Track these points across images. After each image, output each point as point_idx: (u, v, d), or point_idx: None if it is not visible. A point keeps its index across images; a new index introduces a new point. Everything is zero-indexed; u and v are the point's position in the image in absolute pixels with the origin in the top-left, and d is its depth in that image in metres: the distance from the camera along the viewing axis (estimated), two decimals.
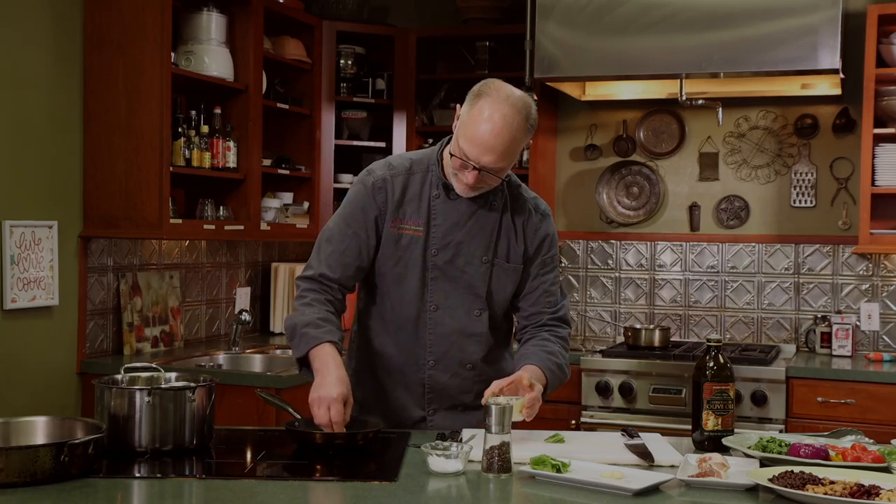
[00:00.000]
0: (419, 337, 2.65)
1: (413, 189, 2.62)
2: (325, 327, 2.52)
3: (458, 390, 2.67)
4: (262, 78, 4.36)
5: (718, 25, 4.13)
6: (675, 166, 4.96)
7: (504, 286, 2.66)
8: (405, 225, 2.61)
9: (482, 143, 2.44)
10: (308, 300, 2.60)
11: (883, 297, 4.61)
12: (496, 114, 2.43)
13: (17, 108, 3.59)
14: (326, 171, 4.94)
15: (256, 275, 4.98)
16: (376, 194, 2.61)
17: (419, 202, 2.61)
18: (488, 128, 2.43)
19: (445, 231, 2.61)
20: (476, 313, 2.65)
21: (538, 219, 2.69)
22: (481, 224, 2.62)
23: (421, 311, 2.63)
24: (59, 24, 3.75)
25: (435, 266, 2.61)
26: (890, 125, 4.37)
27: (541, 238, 2.68)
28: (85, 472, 2.11)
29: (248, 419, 3.58)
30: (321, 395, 2.42)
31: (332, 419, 2.39)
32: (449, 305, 2.63)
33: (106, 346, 4.00)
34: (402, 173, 2.63)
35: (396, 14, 5.42)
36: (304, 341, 2.52)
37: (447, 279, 2.62)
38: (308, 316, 2.55)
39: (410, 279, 2.62)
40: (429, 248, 2.61)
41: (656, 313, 4.96)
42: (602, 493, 2.06)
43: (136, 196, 3.81)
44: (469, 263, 2.62)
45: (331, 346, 2.50)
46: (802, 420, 4.10)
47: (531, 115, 2.50)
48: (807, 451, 2.22)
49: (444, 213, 2.61)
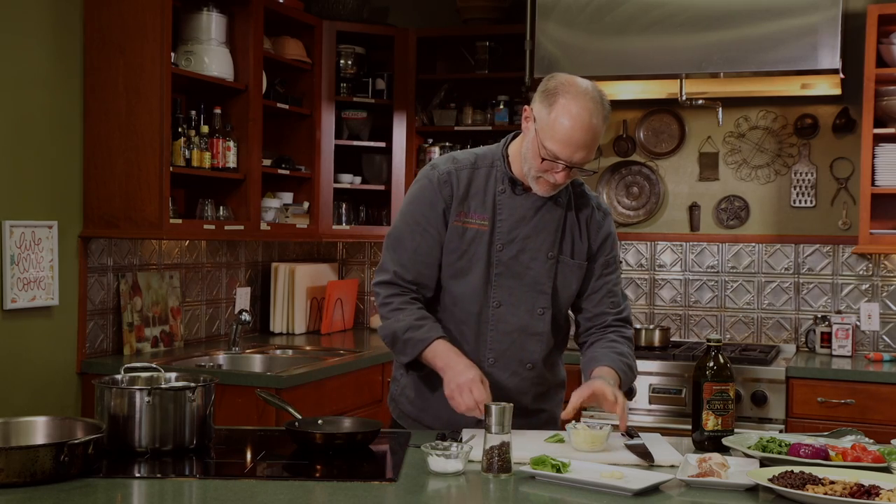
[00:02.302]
0: (480, 333, 2.62)
1: (478, 183, 2.60)
2: (425, 326, 2.55)
3: (516, 391, 2.63)
4: (262, 78, 4.36)
5: (718, 25, 4.13)
6: (675, 166, 4.96)
7: (569, 283, 2.65)
8: (470, 219, 2.59)
9: (574, 143, 2.43)
10: (395, 305, 2.60)
11: (883, 297, 4.61)
12: (582, 111, 2.43)
13: (17, 108, 3.59)
14: (326, 171, 4.94)
15: (256, 275, 4.98)
16: (442, 188, 2.59)
17: (484, 196, 2.59)
18: (577, 126, 2.42)
19: (511, 226, 2.59)
20: (539, 311, 2.62)
21: (601, 216, 2.69)
22: (547, 220, 2.60)
23: (483, 307, 2.61)
24: (59, 24, 3.75)
25: (500, 262, 2.59)
26: (890, 125, 4.37)
27: (604, 236, 2.68)
28: (85, 472, 2.11)
29: (248, 419, 3.58)
30: (459, 382, 2.44)
31: (477, 399, 2.41)
32: (512, 303, 2.61)
33: (106, 346, 4.00)
34: (466, 167, 2.62)
35: (396, 14, 5.43)
36: (410, 346, 2.55)
37: (511, 275, 2.60)
38: (404, 321, 2.56)
39: (474, 274, 2.59)
40: (494, 242, 2.59)
41: (656, 313, 4.96)
42: (602, 493, 2.06)
43: (136, 196, 3.81)
44: (534, 259, 2.60)
45: (441, 341, 2.53)
46: (802, 420, 4.10)
47: (607, 104, 2.50)
48: (807, 451, 2.22)
49: (510, 208, 2.59)
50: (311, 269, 5.09)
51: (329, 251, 5.51)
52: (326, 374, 3.94)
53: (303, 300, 4.96)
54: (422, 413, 2.71)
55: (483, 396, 2.42)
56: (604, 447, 2.39)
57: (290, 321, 4.93)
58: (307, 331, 5.00)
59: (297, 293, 4.93)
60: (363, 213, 5.31)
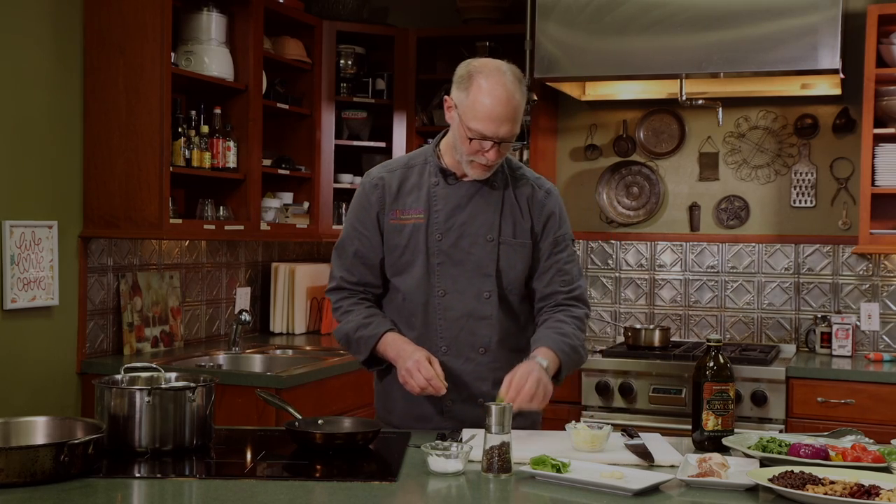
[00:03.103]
0: (429, 323, 2.67)
1: (412, 181, 2.69)
2: (373, 322, 2.65)
3: (473, 377, 2.66)
4: (262, 78, 4.36)
5: (718, 25, 4.13)
6: (675, 166, 4.96)
7: (514, 264, 2.67)
8: (406, 215, 2.67)
9: (497, 117, 2.50)
10: (344, 309, 2.72)
11: (883, 297, 4.61)
12: (497, 86, 2.51)
13: (17, 108, 3.59)
14: (326, 171, 4.94)
15: (256, 275, 4.98)
16: (372, 193, 2.70)
17: (419, 192, 2.67)
18: (496, 101, 2.50)
19: (447, 215, 2.65)
20: (486, 295, 2.65)
21: (543, 195, 2.71)
22: (482, 205, 2.65)
23: (430, 296, 2.66)
24: (59, 24, 3.75)
25: (440, 251, 2.64)
26: (890, 125, 4.37)
27: (548, 214, 2.70)
28: (85, 472, 2.11)
29: (248, 419, 3.58)
30: (407, 366, 2.54)
31: (426, 376, 2.50)
32: (457, 289, 2.65)
33: (106, 346, 4.00)
34: (398, 169, 2.72)
35: (396, 14, 5.42)
36: (362, 344, 2.66)
37: (453, 263, 2.65)
38: (353, 322, 2.67)
39: (417, 267, 2.66)
40: (431, 233, 2.65)
41: (656, 313, 4.96)
42: (602, 493, 2.06)
43: (136, 196, 3.81)
44: (474, 244, 2.64)
45: (389, 333, 2.63)
46: (802, 420, 4.10)
47: (522, 79, 2.58)
48: (807, 451, 2.22)
49: (445, 197, 2.66)
50: (311, 269, 5.09)
51: (329, 251, 5.51)
52: (326, 374, 3.94)
53: (303, 300, 4.96)
54: (390, 415, 2.76)
55: (431, 373, 2.51)
56: (604, 447, 2.39)
57: (290, 321, 4.93)
58: (307, 331, 5.00)
59: (297, 293, 4.93)
60: None
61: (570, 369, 2.65)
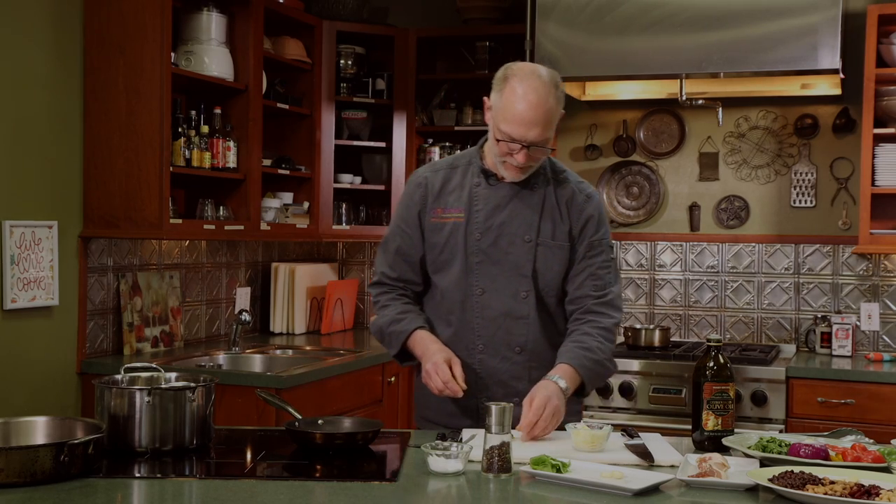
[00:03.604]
0: (467, 321, 2.70)
1: (455, 181, 2.74)
2: (406, 318, 2.71)
3: (509, 375, 2.68)
4: (262, 78, 4.36)
5: (718, 25, 4.13)
6: (675, 166, 4.96)
7: (551, 265, 2.69)
8: (447, 214, 2.72)
9: (524, 121, 2.53)
10: (382, 303, 2.80)
11: (883, 297, 4.61)
12: (529, 89, 2.53)
13: (17, 108, 3.59)
14: (326, 171, 4.94)
15: (256, 275, 4.98)
16: (415, 192, 2.76)
17: (461, 192, 2.72)
18: (526, 105, 2.53)
19: (487, 215, 2.68)
20: (522, 295, 2.68)
21: (583, 199, 2.73)
22: (522, 205, 2.68)
23: (467, 295, 2.70)
24: (59, 24, 3.75)
25: (479, 250, 2.68)
26: (890, 125, 4.37)
27: (586, 218, 2.71)
28: (85, 472, 2.11)
29: (248, 419, 3.58)
30: (426, 367, 2.59)
31: (442, 379, 2.53)
32: (495, 289, 2.68)
33: (106, 346, 4.00)
34: (443, 169, 2.78)
35: (396, 14, 5.42)
36: (394, 339, 2.71)
37: (492, 262, 2.68)
38: (388, 316, 2.73)
39: (455, 265, 2.70)
40: (471, 232, 2.68)
41: (656, 313, 4.96)
42: (602, 493, 2.06)
43: (136, 196, 3.81)
44: (512, 244, 2.67)
45: (419, 330, 2.68)
46: (802, 420, 4.10)
47: (559, 85, 2.60)
48: (807, 451, 2.22)
49: (485, 198, 2.69)
50: (311, 269, 5.09)
51: (329, 251, 5.51)
52: (326, 374, 3.94)
53: (303, 300, 4.96)
54: (427, 410, 2.81)
55: (447, 377, 2.54)
56: (604, 447, 2.39)
57: (290, 321, 4.93)
58: (307, 331, 5.00)
59: (297, 293, 4.93)
60: (363, 213, 5.31)
61: (595, 383, 2.67)
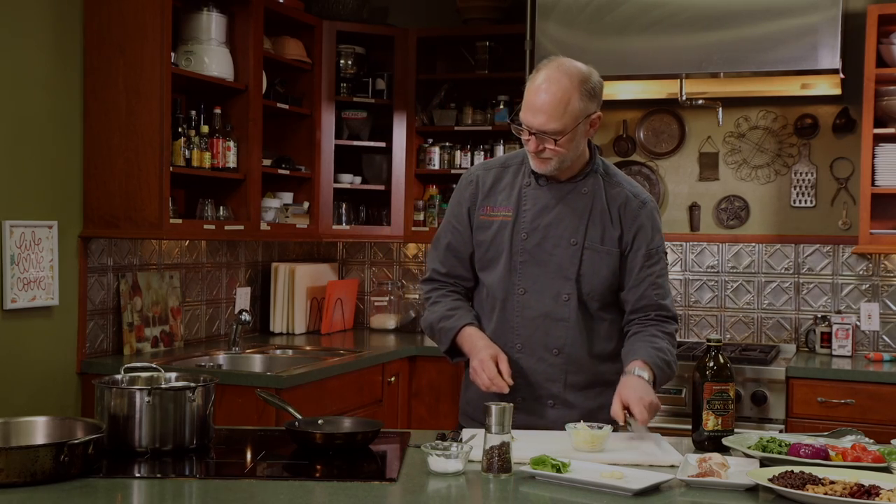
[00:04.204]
0: (507, 320, 2.72)
1: (506, 180, 2.76)
2: (455, 315, 2.73)
3: (545, 377, 2.69)
4: (262, 78, 4.36)
5: (718, 25, 4.13)
6: (675, 166, 4.96)
7: (597, 270, 2.68)
8: (496, 212, 2.74)
9: (532, 106, 2.56)
10: (433, 299, 2.82)
11: (883, 297, 4.61)
12: (542, 78, 2.57)
13: (17, 108, 3.59)
14: (326, 171, 4.94)
15: (256, 275, 4.98)
16: (466, 188, 2.79)
17: (511, 191, 2.73)
18: (536, 91, 2.56)
19: (534, 215, 2.69)
20: (565, 298, 2.67)
21: (637, 205, 2.71)
22: (569, 209, 2.68)
23: (509, 293, 2.71)
24: (59, 24, 3.75)
25: (524, 250, 2.69)
26: (890, 125, 4.37)
27: (639, 225, 2.70)
28: (85, 472, 2.11)
29: (248, 419, 3.58)
30: (473, 364, 2.61)
31: (488, 376, 2.55)
32: (537, 289, 2.69)
33: (106, 346, 4.00)
34: (495, 167, 2.81)
35: (396, 14, 5.42)
36: (443, 335, 2.73)
37: (536, 263, 2.69)
38: (438, 312, 2.76)
39: (500, 263, 2.71)
40: (517, 231, 2.70)
41: None
42: (602, 493, 2.06)
43: (136, 196, 3.81)
44: (557, 246, 2.68)
45: (468, 327, 2.69)
46: (802, 420, 4.09)
47: (587, 80, 2.60)
48: (807, 451, 2.22)
49: (534, 198, 2.71)
50: (311, 269, 5.09)
51: (329, 251, 5.51)
52: (326, 374, 3.94)
53: (303, 300, 4.96)
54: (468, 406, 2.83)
55: (493, 373, 2.56)
56: (604, 447, 2.39)
57: (290, 321, 4.93)
58: (307, 331, 5.00)
59: (297, 293, 4.93)
60: (363, 213, 5.31)
61: (662, 384, 2.66)
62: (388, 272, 5.46)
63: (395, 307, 5.30)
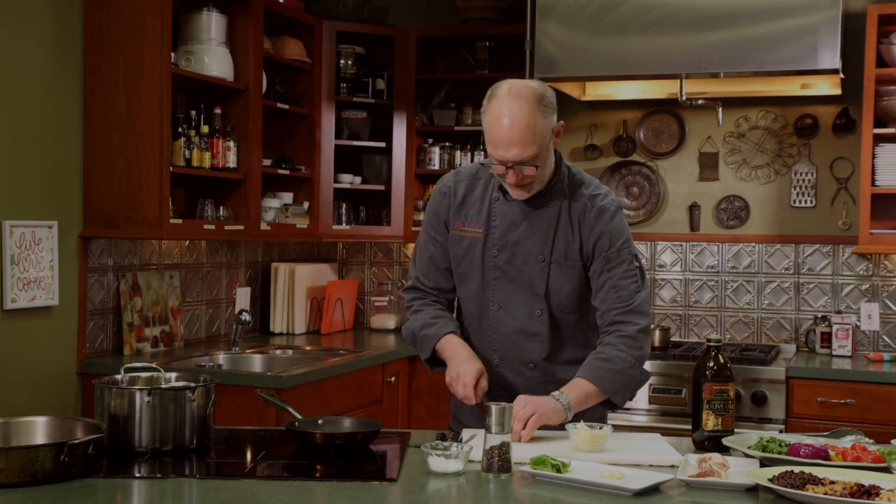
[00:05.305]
0: (483, 336, 2.73)
1: (476, 193, 2.73)
2: (438, 323, 2.71)
3: (524, 389, 2.68)
4: (262, 78, 4.36)
5: (718, 25, 4.13)
6: (675, 166, 4.96)
7: (562, 285, 2.66)
8: (466, 227, 2.72)
9: (502, 141, 2.51)
10: (415, 307, 2.82)
11: (883, 297, 4.61)
12: (503, 110, 2.50)
13: (17, 108, 3.59)
14: (326, 171, 4.94)
15: (256, 275, 4.98)
16: (441, 200, 2.77)
17: (481, 205, 2.71)
18: (500, 125, 2.50)
19: (503, 232, 2.68)
20: (537, 313, 2.68)
21: (594, 215, 2.65)
22: (536, 224, 2.66)
23: (484, 309, 2.72)
24: (59, 24, 3.75)
25: (496, 266, 2.68)
26: (890, 125, 4.37)
27: (597, 235, 2.64)
28: (85, 472, 2.11)
29: (248, 419, 3.58)
30: (451, 374, 2.60)
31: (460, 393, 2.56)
32: (511, 305, 2.69)
33: (106, 346, 4.00)
34: (466, 178, 2.76)
35: (396, 14, 5.42)
36: (425, 343, 2.72)
37: (508, 279, 2.68)
38: (420, 320, 2.75)
39: (473, 279, 2.72)
40: (488, 248, 2.69)
41: (656, 313, 4.95)
42: (602, 493, 2.06)
43: (136, 196, 3.81)
44: (526, 263, 2.67)
45: (451, 335, 2.69)
46: (802, 420, 4.10)
47: (543, 97, 2.53)
48: (807, 451, 2.22)
49: (502, 214, 2.68)
50: (311, 269, 5.09)
51: (329, 251, 5.51)
52: (326, 374, 3.94)
53: (303, 300, 4.96)
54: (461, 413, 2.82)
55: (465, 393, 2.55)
56: (604, 447, 2.39)
57: (290, 321, 4.93)
58: (307, 331, 5.00)
59: (297, 293, 4.93)
60: (363, 213, 5.31)
61: (623, 392, 2.61)
62: (388, 272, 5.46)
63: (395, 307, 5.30)
